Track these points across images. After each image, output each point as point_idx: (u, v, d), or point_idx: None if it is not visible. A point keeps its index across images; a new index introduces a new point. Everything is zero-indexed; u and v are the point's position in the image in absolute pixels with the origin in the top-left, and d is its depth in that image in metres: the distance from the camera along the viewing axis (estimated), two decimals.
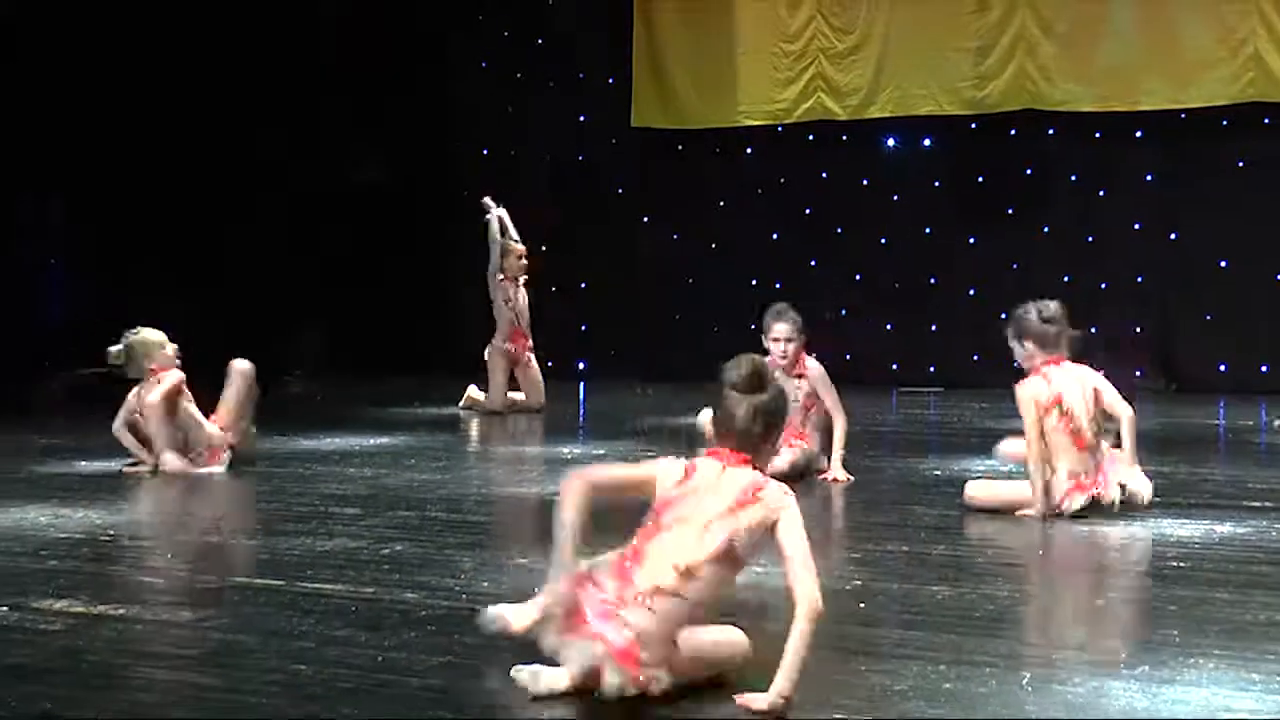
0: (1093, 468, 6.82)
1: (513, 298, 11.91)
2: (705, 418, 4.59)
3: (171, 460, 8.30)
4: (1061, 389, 6.84)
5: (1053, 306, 6.99)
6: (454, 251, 15.70)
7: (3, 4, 12.75)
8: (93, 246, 13.82)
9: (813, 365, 8.10)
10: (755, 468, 4.10)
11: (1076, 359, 6.98)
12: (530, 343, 11.94)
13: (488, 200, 11.97)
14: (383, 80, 14.91)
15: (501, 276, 11.87)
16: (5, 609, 5.04)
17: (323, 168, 14.37)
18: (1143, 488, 6.83)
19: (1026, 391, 6.80)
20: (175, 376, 8.45)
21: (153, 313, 12.81)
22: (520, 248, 11.96)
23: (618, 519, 4.19)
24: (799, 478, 7.65)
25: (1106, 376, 6.94)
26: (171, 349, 8.52)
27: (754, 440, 4.11)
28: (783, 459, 7.58)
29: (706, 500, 4.02)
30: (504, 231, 11.91)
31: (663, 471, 4.11)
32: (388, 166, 14.66)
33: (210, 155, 13.85)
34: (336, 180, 14.46)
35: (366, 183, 14.54)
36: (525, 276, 11.98)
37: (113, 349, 8.51)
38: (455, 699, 4.02)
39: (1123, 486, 6.79)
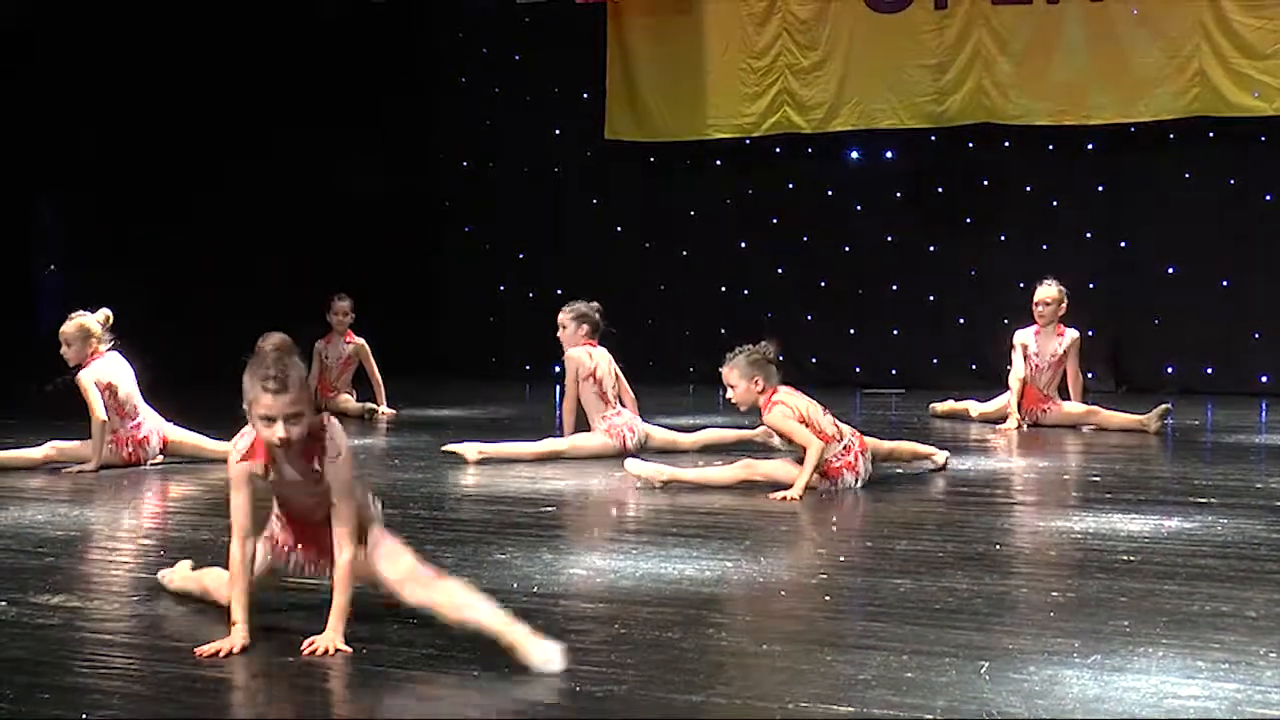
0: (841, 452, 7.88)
1: (324, 350, 12.07)
2: None
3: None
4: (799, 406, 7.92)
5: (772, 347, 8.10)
6: (437, 261, 16.07)
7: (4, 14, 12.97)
8: (88, 253, 13.99)
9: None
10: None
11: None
12: (336, 394, 11.97)
13: None
14: (368, 97, 15.05)
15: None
16: (4, 604, 5.15)
17: (310, 180, 14.60)
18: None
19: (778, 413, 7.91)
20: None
21: (144, 319, 13.14)
22: (343, 304, 12.10)
23: None
24: None
25: None
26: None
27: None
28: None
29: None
30: None
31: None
32: (372, 180, 14.88)
33: (199, 164, 13.91)
34: (324, 192, 14.68)
35: (351, 195, 14.77)
36: (348, 331, 12.08)
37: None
38: (437, 689, 4.17)
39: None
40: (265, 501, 4.93)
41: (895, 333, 14.56)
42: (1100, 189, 13.97)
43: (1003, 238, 14.24)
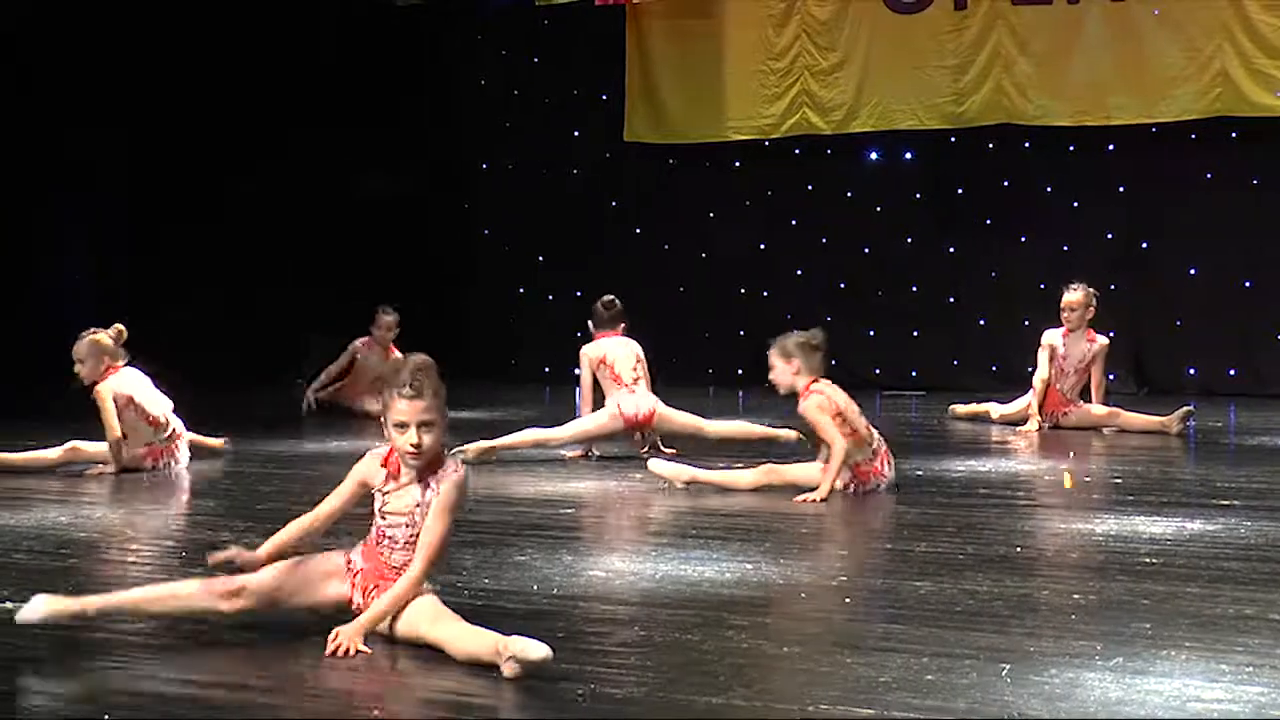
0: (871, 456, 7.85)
1: (359, 351, 12.27)
2: None
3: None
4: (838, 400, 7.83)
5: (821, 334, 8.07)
6: (455, 263, 16.07)
7: (10, 14, 13.04)
8: (109, 253, 14.06)
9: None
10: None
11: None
12: (363, 397, 11.94)
13: None
14: (386, 99, 15.09)
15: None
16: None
17: (327, 181, 14.64)
18: None
19: (813, 402, 7.81)
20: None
21: (159, 318, 13.20)
22: (389, 318, 12.28)
23: None
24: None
25: None
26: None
27: None
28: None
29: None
30: None
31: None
32: (392, 181, 14.91)
33: (211, 167, 14.01)
34: (341, 193, 14.72)
35: (370, 196, 14.80)
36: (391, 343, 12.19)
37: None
38: (459, 693, 4.18)
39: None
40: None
41: (915, 334, 14.52)
42: (1121, 190, 13.92)
43: (1023, 239, 14.21)
